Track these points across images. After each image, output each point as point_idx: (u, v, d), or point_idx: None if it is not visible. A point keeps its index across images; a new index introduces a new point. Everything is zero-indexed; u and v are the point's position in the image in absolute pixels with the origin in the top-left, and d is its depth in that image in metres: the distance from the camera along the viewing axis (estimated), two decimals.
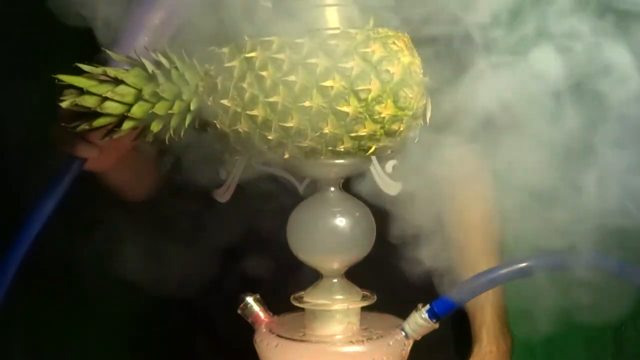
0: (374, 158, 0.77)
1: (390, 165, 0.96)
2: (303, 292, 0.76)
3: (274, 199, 0.92)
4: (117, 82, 0.67)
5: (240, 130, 0.68)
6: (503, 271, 0.74)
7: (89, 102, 0.67)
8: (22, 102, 1.19)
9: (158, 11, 0.80)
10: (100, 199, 1.07)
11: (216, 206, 0.96)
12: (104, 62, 0.72)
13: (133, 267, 1.21)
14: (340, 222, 0.72)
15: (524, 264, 0.74)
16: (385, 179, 0.96)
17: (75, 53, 0.69)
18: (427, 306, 0.74)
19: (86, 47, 0.74)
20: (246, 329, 0.79)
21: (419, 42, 0.72)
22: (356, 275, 0.76)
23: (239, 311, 0.78)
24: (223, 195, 0.97)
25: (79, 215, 1.05)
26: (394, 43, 0.67)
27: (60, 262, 1.22)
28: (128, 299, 1.26)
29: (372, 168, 0.78)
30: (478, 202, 1.09)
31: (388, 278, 0.87)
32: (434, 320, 0.73)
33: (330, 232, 0.72)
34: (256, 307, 0.78)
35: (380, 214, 0.76)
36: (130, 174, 1.03)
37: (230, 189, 0.96)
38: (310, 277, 0.76)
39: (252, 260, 0.97)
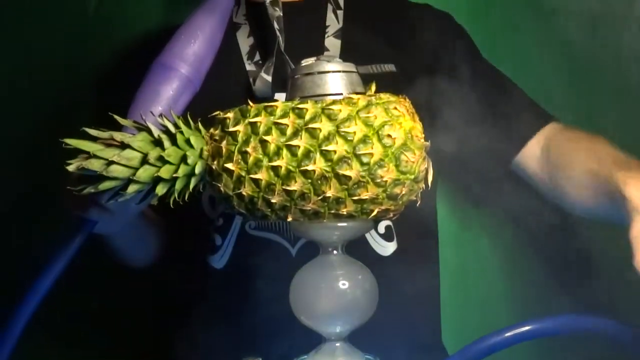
0: None
1: (382, 226, 0.98)
2: (305, 356, 0.75)
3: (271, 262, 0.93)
4: (124, 146, 0.69)
5: (244, 193, 0.69)
6: (508, 334, 0.74)
7: (95, 165, 0.68)
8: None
9: (172, 82, 0.82)
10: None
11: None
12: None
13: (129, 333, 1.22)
14: (343, 285, 0.72)
15: (528, 327, 0.74)
16: (378, 239, 0.97)
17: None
18: None
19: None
20: None
21: None
22: (359, 338, 0.76)
23: None
24: (219, 261, 0.99)
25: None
26: (395, 108, 0.68)
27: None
28: None
29: None
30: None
31: (391, 342, 0.87)
32: None
33: (333, 295, 0.72)
34: None
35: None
36: (136, 238, 1.04)
37: (226, 254, 0.98)
38: (313, 340, 0.76)
39: (254, 324, 0.96)
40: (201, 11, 0.88)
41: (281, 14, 0.91)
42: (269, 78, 0.96)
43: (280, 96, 0.97)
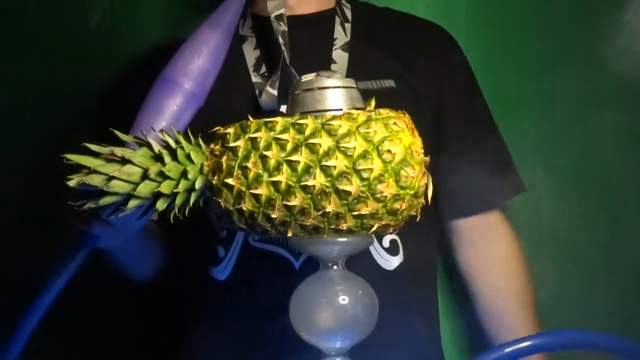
0: None
1: (387, 240, 0.97)
2: None
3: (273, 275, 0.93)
4: (124, 161, 0.69)
5: (244, 208, 0.69)
6: (507, 350, 0.74)
7: (95, 180, 0.68)
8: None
9: (176, 98, 0.83)
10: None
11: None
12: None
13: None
14: (343, 300, 0.72)
15: (527, 343, 0.73)
16: (382, 253, 0.97)
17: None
18: None
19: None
20: None
21: None
22: (359, 353, 0.76)
23: None
24: (222, 273, 0.98)
25: None
26: (395, 124, 0.68)
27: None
28: None
29: None
30: (513, 272, 1.09)
31: (392, 356, 0.87)
32: None
33: (333, 311, 0.72)
34: None
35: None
36: (139, 252, 1.04)
37: (229, 266, 0.97)
38: (314, 355, 0.76)
39: (255, 336, 0.96)
40: (206, 26, 0.89)
41: (286, 29, 0.92)
42: (275, 92, 0.96)
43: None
